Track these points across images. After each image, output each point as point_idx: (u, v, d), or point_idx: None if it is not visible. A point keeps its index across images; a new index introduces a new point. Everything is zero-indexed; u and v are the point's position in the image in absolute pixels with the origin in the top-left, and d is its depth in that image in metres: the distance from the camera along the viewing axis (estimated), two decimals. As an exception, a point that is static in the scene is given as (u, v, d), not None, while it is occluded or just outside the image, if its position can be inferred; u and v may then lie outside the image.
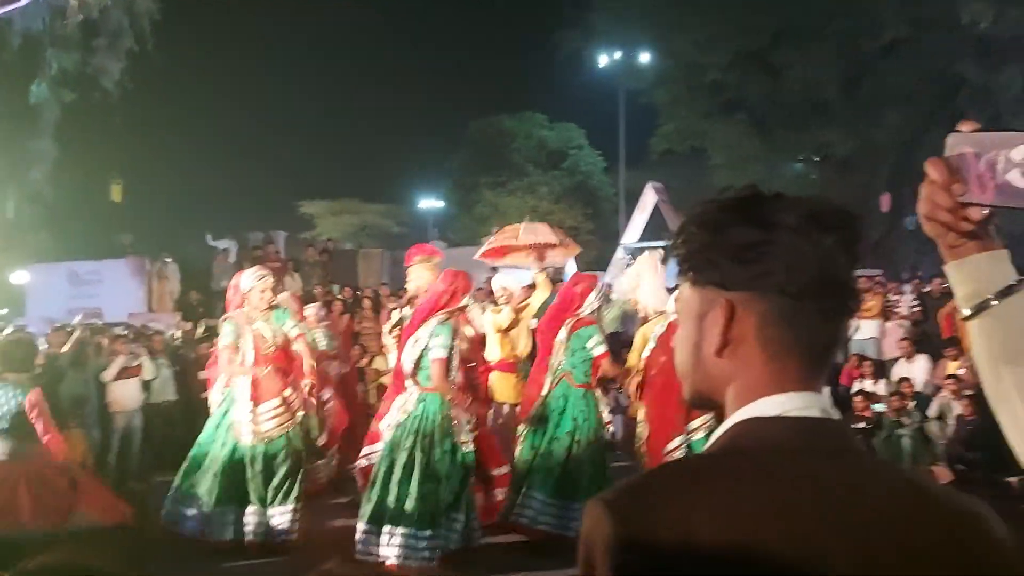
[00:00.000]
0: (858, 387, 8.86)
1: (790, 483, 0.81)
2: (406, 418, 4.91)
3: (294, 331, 5.75)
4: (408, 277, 5.82)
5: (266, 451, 5.46)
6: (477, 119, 30.93)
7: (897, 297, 11.07)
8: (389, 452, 4.92)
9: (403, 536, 4.73)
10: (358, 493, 5.59)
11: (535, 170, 29.91)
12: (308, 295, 12.17)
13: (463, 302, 5.05)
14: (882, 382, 8.93)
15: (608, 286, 12.77)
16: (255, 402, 5.44)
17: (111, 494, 5.17)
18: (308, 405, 6.04)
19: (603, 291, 6.44)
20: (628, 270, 6.93)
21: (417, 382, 4.92)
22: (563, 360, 5.54)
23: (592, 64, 24.54)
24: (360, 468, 5.76)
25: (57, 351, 7.80)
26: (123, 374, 8.07)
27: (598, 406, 5.66)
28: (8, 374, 4.68)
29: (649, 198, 18.96)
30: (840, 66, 19.99)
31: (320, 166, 33.09)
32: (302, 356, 5.82)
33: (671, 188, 19.94)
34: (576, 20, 24.23)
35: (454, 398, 4.99)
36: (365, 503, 4.92)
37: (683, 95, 22.41)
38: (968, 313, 0.93)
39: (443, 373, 4.86)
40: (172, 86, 23.87)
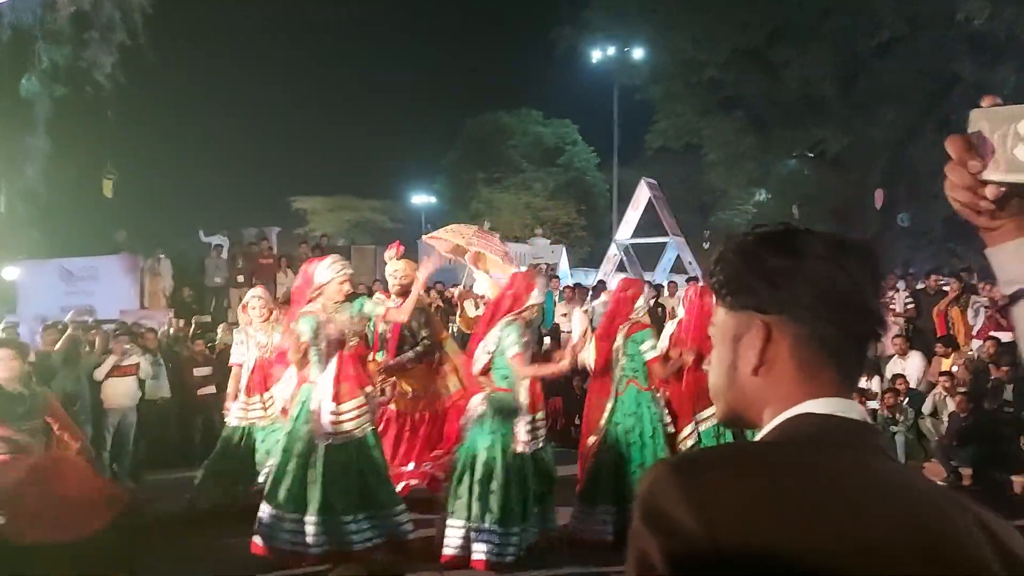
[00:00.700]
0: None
1: (849, 474, 0.84)
2: (483, 417, 5.06)
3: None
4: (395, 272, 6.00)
5: (359, 451, 5.10)
6: (472, 115, 30.99)
7: (891, 294, 11.08)
8: (468, 450, 5.06)
9: (490, 534, 4.86)
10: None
11: (529, 166, 29.92)
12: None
13: (530, 302, 5.17)
14: (876, 379, 8.94)
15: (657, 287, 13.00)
16: (337, 401, 5.06)
17: (109, 487, 5.08)
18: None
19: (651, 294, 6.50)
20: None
21: (491, 382, 5.11)
22: (624, 365, 5.56)
23: (587, 60, 24.51)
24: (433, 468, 5.78)
25: (50, 349, 7.75)
26: (117, 372, 8.02)
27: (662, 407, 5.69)
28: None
29: (643, 194, 18.87)
30: (836, 64, 20.02)
31: (313, 162, 33.04)
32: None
33: (665, 184, 19.93)
34: (572, 17, 24.22)
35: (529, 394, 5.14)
36: (453, 501, 5.01)
37: (679, 92, 22.40)
38: (1007, 299, 0.93)
39: (523, 367, 5.05)
40: (164, 81, 23.77)
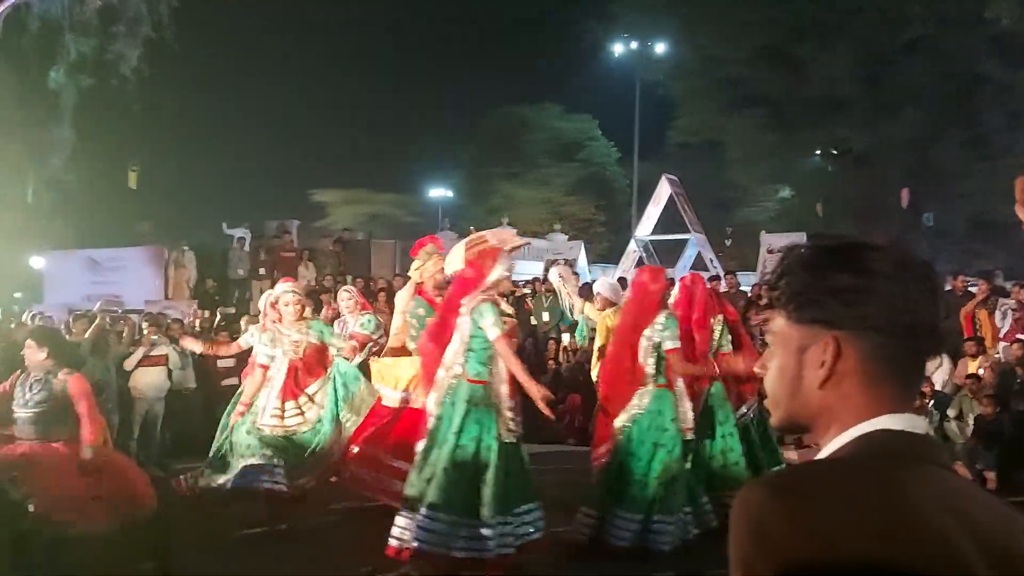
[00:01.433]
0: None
1: (935, 491, 0.87)
2: (643, 414, 5.08)
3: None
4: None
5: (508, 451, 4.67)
6: (492, 109, 30.90)
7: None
8: (626, 446, 5.08)
9: (657, 523, 4.93)
10: None
11: (549, 161, 29.75)
12: (321, 286, 12.25)
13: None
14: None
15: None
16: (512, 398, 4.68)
17: (139, 478, 4.93)
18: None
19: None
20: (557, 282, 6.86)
21: (654, 379, 5.13)
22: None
23: (608, 55, 24.40)
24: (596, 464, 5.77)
25: (79, 337, 7.89)
26: (146, 362, 8.17)
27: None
28: (48, 360, 4.65)
29: (664, 190, 18.64)
30: (861, 62, 19.83)
31: (333, 155, 33.15)
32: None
33: (685, 181, 19.73)
34: (597, 11, 24.14)
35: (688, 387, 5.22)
36: (606, 494, 5.06)
37: (702, 88, 22.29)
38: None
39: (682, 361, 5.10)
40: (189, 73, 23.92)
